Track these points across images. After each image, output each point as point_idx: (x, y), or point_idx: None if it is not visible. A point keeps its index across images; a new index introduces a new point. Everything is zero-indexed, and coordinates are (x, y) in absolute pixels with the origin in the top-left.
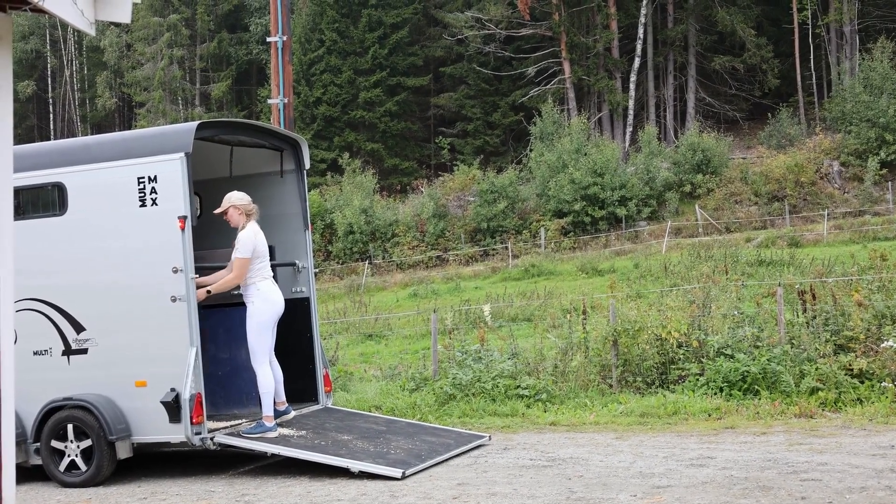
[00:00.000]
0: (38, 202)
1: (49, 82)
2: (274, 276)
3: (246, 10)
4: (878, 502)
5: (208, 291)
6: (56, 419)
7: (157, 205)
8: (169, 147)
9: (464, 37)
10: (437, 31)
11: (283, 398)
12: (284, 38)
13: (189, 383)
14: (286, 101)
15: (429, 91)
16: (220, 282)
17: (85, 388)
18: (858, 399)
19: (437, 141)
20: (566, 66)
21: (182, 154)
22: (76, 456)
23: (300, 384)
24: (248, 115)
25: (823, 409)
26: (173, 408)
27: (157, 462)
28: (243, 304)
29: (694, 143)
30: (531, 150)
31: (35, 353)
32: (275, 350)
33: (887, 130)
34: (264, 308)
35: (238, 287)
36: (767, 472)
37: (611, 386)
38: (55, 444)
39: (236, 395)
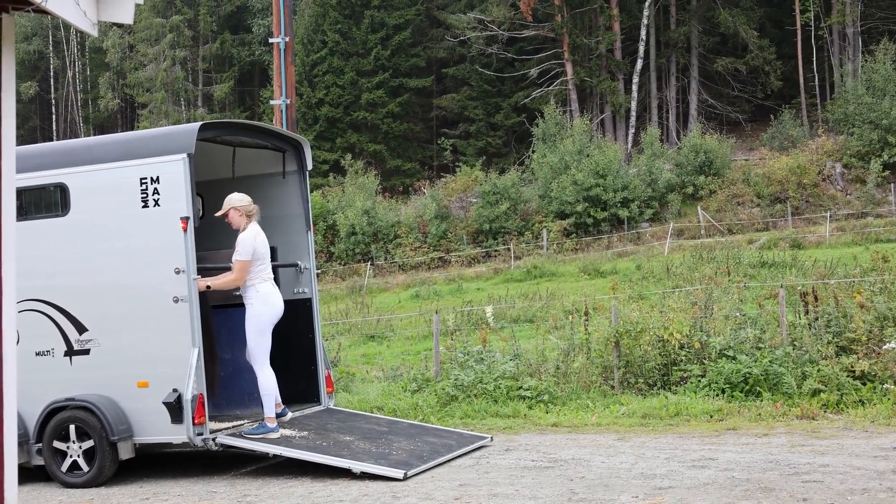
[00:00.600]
0: (41, 203)
1: (52, 83)
2: (276, 278)
3: (248, 12)
4: None
5: (208, 286)
6: (58, 420)
7: (159, 205)
8: (171, 148)
9: (466, 38)
10: (440, 32)
11: (280, 400)
12: (287, 40)
13: (191, 384)
14: (289, 102)
15: (431, 92)
16: (221, 280)
17: (87, 389)
18: (860, 401)
19: (439, 142)
20: (568, 68)
21: (184, 155)
22: (78, 456)
23: (302, 385)
24: (250, 117)
25: (825, 411)
26: (175, 408)
27: (159, 463)
28: (244, 305)
29: (696, 145)
30: (533, 152)
31: (37, 354)
32: (276, 351)
33: (890, 132)
34: (263, 310)
35: (238, 288)
36: (769, 473)
37: (612, 387)
38: (57, 444)
39: (238, 395)
